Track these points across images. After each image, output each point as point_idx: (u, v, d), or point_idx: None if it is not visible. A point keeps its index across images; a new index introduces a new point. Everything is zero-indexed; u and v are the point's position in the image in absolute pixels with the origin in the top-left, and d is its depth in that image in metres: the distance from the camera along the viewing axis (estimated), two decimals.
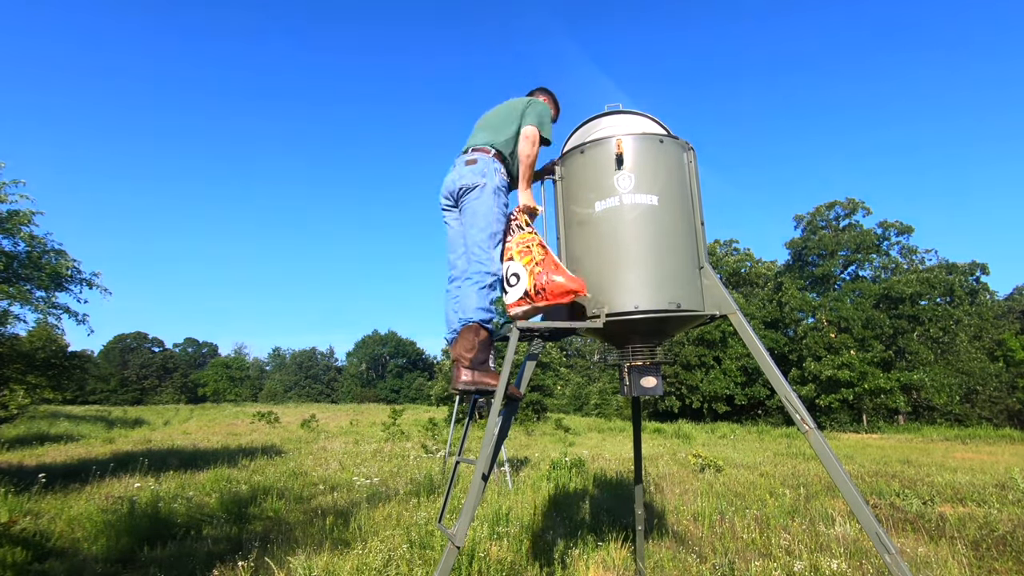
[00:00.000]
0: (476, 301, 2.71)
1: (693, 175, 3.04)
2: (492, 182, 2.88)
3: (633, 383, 2.95)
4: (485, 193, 2.85)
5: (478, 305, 2.71)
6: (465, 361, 2.67)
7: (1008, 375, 32.60)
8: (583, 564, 4.45)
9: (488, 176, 2.88)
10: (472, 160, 2.93)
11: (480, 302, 2.71)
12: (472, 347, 2.67)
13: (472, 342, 2.68)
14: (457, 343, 2.75)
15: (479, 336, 2.70)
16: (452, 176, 3.00)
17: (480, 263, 2.77)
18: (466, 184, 2.88)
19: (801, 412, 2.57)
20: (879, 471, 10.86)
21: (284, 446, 14.83)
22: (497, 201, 2.87)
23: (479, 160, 2.92)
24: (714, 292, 2.85)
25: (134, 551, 4.85)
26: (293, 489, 7.61)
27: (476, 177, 2.87)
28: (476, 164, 2.91)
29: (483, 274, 2.74)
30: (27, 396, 11.43)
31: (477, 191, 2.86)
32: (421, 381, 70.82)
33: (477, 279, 2.74)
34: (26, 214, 8.52)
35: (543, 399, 29.70)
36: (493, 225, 2.82)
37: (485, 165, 2.91)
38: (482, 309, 2.71)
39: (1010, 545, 5.12)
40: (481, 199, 2.85)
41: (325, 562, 4.22)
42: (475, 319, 2.70)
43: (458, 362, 2.70)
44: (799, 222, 38.38)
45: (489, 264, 2.77)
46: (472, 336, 2.69)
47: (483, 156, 2.94)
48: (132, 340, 78.89)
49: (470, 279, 2.76)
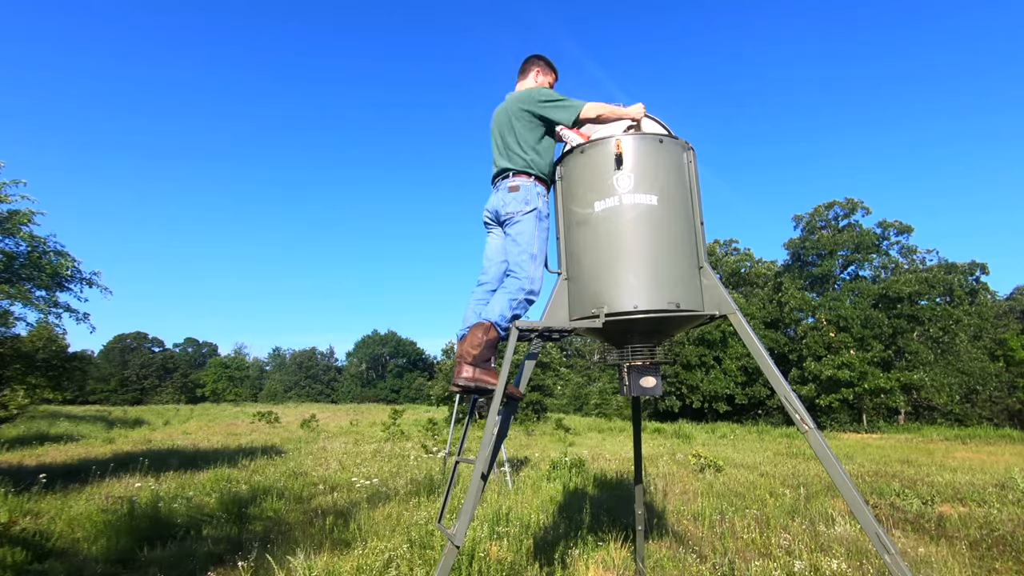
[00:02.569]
0: (501, 308, 2.80)
1: (693, 175, 3.04)
2: (535, 207, 2.95)
3: (633, 383, 2.95)
4: (529, 219, 2.94)
5: (501, 311, 2.79)
6: (468, 357, 2.72)
7: (1008, 375, 32.56)
8: (583, 564, 4.45)
9: (531, 203, 2.95)
10: (515, 187, 2.99)
11: (504, 311, 2.80)
12: (478, 344, 2.72)
13: (480, 340, 2.73)
14: (465, 339, 2.81)
15: (488, 335, 2.75)
16: (495, 200, 3.07)
17: (518, 279, 2.87)
18: (510, 212, 2.96)
19: (801, 412, 2.57)
20: (879, 471, 10.87)
21: (284, 446, 14.82)
22: (539, 226, 2.95)
23: (522, 188, 2.98)
24: (714, 292, 2.85)
25: (134, 551, 4.85)
26: (293, 489, 7.60)
27: (520, 204, 2.95)
28: (519, 192, 2.97)
29: (519, 290, 2.85)
30: (27, 396, 11.45)
31: (521, 217, 2.94)
32: (421, 381, 70.73)
33: (512, 292, 2.84)
34: (27, 214, 8.52)
35: (543, 399, 29.68)
36: (534, 247, 2.91)
37: (527, 192, 2.97)
38: (503, 316, 2.79)
39: (1010, 545, 5.12)
40: (525, 224, 2.93)
41: (325, 562, 4.22)
42: (491, 319, 2.78)
43: (461, 358, 2.74)
44: (798, 222, 38.37)
45: (527, 283, 2.86)
46: (481, 334, 2.75)
47: (525, 183, 2.99)
48: (132, 340, 78.88)
49: (505, 289, 2.87)
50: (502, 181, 3.06)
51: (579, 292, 2.93)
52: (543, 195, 3.03)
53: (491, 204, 3.10)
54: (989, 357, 33.64)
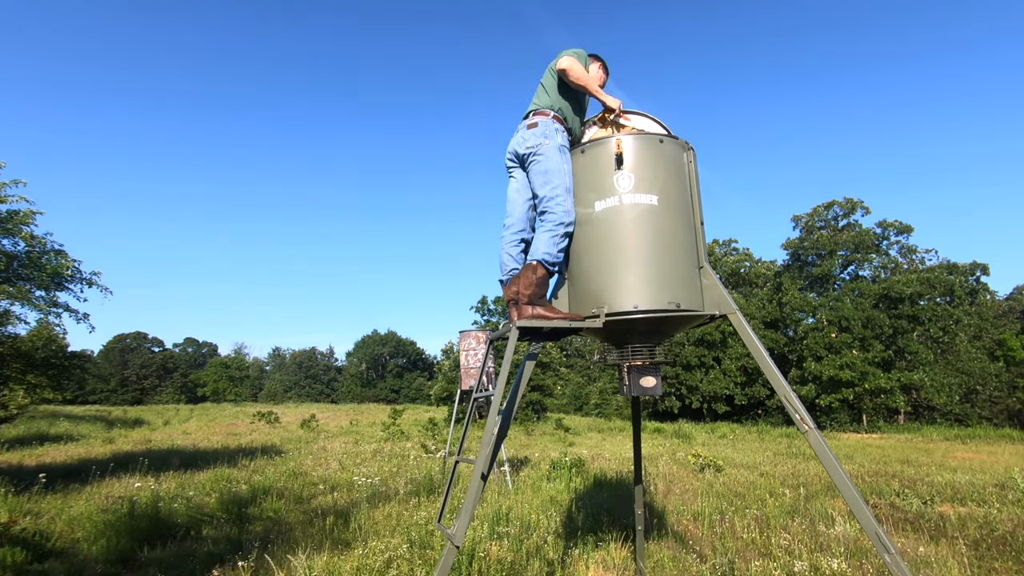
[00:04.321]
0: (545, 246, 2.87)
1: (693, 175, 3.04)
2: (555, 141, 3.01)
3: (633, 383, 2.95)
4: (550, 151, 2.98)
5: (546, 249, 2.86)
6: (524, 298, 2.82)
7: (1008, 375, 32.56)
8: (583, 564, 4.46)
9: (550, 136, 3.01)
10: (533, 124, 3.08)
11: (549, 247, 2.86)
12: (531, 283, 2.83)
13: (531, 279, 2.84)
14: (515, 281, 2.90)
15: (537, 273, 2.85)
16: (516, 139, 3.16)
17: (555, 214, 2.89)
18: (531, 146, 3.03)
19: (801, 412, 2.56)
20: (879, 471, 10.87)
21: (284, 446, 14.83)
22: (563, 157, 3.00)
23: (540, 123, 3.07)
24: (714, 292, 2.85)
25: (134, 551, 4.85)
26: (293, 489, 7.61)
27: (539, 139, 3.02)
28: (537, 127, 3.06)
29: (558, 224, 2.88)
30: (27, 396, 11.45)
31: (543, 151, 2.99)
32: (421, 381, 70.75)
33: (551, 228, 2.88)
34: (27, 214, 8.52)
35: (543, 399, 29.71)
36: (566, 180, 2.94)
37: (546, 127, 3.05)
38: (548, 253, 2.86)
39: (1010, 545, 5.12)
40: (547, 157, 2.98)
41: (325, 562, 4.22)
42: (538, 258, 2.86)
43: (516, 300, 2.84)
44: (797, 222, 38.38)
45: (564, 216, 2.89)
46: (531, 274, 2.85)
47: (543, 119, 3.08)
48: (132, 340, 78.84)
49: (544, 227, 2.91)
50: (523, 122, 3.17)
51: (579, 292, 2.93)
52: (561, 131, 3.09)
53: (512, 146, 3.19)
54: (989, 357, 33.64)
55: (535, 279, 2.83)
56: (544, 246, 2.87)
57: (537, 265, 2.85)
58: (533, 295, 2.82)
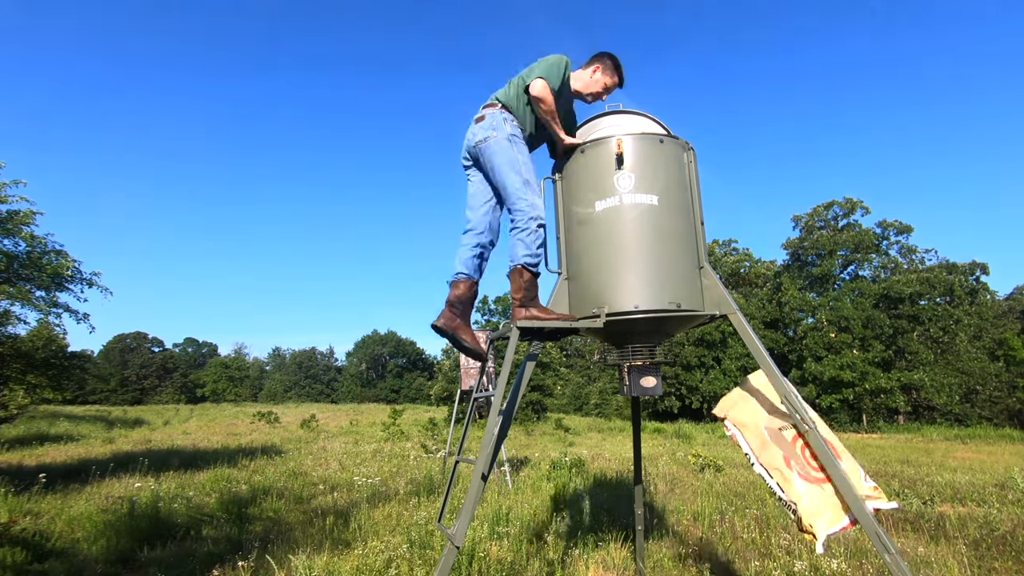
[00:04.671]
0: (523, 248, 2.84)
1: (693, 175, 3.04)
2: (503, 132, 2.96)
3: (633, 383, 2.95)
4: (499, 143, 2.94)
5: (524, 252, 2.84)
6: (517, 301, 2.84)
7: (1008, 375, 32.57)
8: (583, 564, 4.46)
9: (498, 128, 2.96)
10: (480, 117, 3.06)
11: (527, 249, 2.84)
12: (520, 288, 2.84)
13: (519, 284, 2.84)
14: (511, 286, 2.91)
15: (523, 277, 2.85)
16: (468, 135, 3.12)
17: (521, 212, 2.85)
18: (479, 140, 2.99)
19: (801, 412, 2.57)
20: (879, 471, 10.87)
21: (284, 446, 14.83)
22: (515, 147, 2.94)
23: (487, 116, 3.04)
24: (714, 292, 2.85)
25: (134, 551, 4.85)
26: (293, 489, 7.61)
27: (487, 131, 2.98)
28: (484, 120, 3.02)
29: (528, 220, 2.84)
30: (27, 396, 11.44)
31: (491, 143, 2.96)
32: (421, 381, 70.75)
33: (523, 226, 2.84)
34: (27, 214, 8.52)
35: (543, 399, 29.71)
36: (523, 172, 2.90)
37: (492, 118, 3.01)
38: (528, 254, 2.84)
39: (1010, 545, 5.12)
40: (497, 150, 2.93)
41: (325, 562, 4.22)
42: (519, 263, 2.84)
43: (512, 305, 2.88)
44: (797, 222, 38.39)
45: (530, 210, 2.85)
46: (518, 278, 2.85)
47: (490, 111, 3.05)
48: (132, 340, 78.82)
49: (516, 228, 2.87)
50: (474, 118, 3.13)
51: (579, 292, 2.93)
52: (511, 121, 3.01)
53: (465, 142, 3.14)
54: (989, 357, 33.64)
55: (523, 283, 2.83)
56: (522, 249, 2.83)
57: (522, 269, 2.84)
58: (524, 298, 2.83)
